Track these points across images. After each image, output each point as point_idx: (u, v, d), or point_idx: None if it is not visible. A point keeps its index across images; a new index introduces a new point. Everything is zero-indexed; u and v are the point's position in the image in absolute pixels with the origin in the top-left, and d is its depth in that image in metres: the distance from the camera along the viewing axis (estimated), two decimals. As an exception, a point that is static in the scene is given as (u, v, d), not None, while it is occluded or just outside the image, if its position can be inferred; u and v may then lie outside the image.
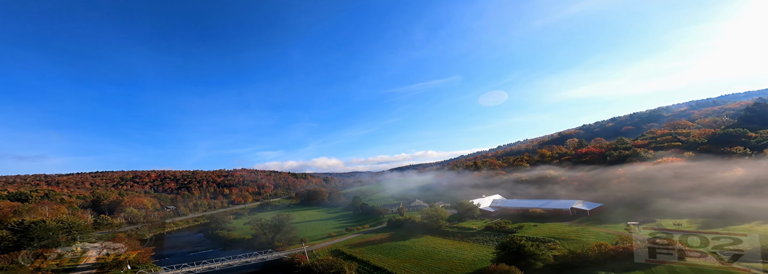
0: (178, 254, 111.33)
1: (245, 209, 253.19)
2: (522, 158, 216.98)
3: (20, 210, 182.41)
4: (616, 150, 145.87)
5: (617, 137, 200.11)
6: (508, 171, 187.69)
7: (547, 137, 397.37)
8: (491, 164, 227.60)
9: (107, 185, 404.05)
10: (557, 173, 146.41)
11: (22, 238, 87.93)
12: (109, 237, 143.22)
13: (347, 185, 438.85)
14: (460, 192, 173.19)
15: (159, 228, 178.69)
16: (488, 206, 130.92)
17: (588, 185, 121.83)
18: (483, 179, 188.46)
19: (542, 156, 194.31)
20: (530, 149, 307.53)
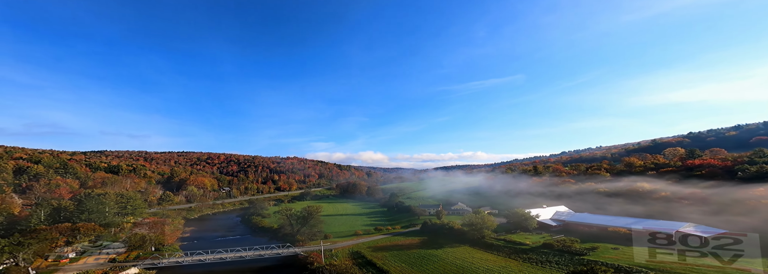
0: (207, 238, 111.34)
1: (288, 196, 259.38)
2: (599, 166, 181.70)
3: (108, 181, 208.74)
4: (753, 164, 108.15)
5: (745, 148, 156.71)
6: (578, 180, 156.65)
7: (631, 144, 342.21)
8: (556, 171, 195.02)
9: (186, 164, 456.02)
10: (654, 187, 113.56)
11: (77, 210, 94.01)
12: (161, 215, 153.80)
13: (388, 181, 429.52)
14: (514, 200, 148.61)
15: (208, 208, 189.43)
16: (549, 219, 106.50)
17: (704, 205, 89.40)
18: (545, 186, 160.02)
19: (630, 166, 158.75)
20: (609, 157, 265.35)
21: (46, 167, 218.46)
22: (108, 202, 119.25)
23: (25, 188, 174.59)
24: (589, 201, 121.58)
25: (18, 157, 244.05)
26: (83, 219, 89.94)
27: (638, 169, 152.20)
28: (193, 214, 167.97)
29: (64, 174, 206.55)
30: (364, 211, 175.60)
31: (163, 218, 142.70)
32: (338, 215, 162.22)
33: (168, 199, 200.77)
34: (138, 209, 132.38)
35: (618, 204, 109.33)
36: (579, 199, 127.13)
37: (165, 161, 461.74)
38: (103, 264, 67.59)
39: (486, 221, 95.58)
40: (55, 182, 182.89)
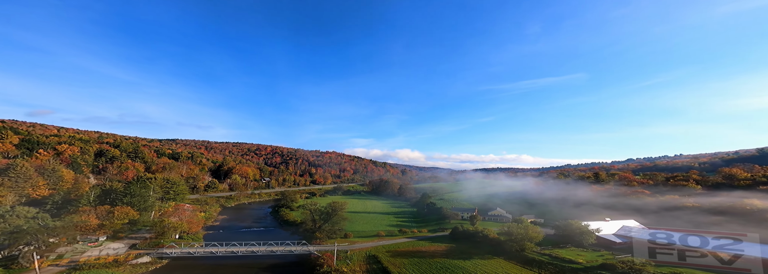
0: (233, 228, 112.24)
1: (321, 189, 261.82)
2: (685, 176, 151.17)
3: (168, 166, 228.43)
4: None
5: None
6: (655, 191, 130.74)
7: (726, 153, 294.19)
8: (623, 179, 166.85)
9: (238, 154, 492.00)
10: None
11: (121, 192, 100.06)
12: (201, 201, 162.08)
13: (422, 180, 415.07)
14: (568, 209, 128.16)
15: (246, 197, 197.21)
16: (612, 234, 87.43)
17: None
18: (609, 196, 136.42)
19: (730, 178, 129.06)
20: (696, 167, 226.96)
21: (122, 151, 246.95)
22: (153, 186, 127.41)
23: (101, 169, 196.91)
24: (671, 217, 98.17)
25: (106, 141, 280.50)
26: (125, 202, 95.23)
27: (744, 182, 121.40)
28: (230, 202, 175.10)
29: (134, 158, 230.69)
30: (393, 210, 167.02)
31: (201, 205, 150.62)
32: (365, 212, 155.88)
33: (213, 186, 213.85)
34: (180, 194, 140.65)
35: (716, 223, 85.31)
36: (656, 214, 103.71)
37: (221, 151, 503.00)
38: (122, 250, 68.79)
39: (529, 232, 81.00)
40: (125, 165, 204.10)
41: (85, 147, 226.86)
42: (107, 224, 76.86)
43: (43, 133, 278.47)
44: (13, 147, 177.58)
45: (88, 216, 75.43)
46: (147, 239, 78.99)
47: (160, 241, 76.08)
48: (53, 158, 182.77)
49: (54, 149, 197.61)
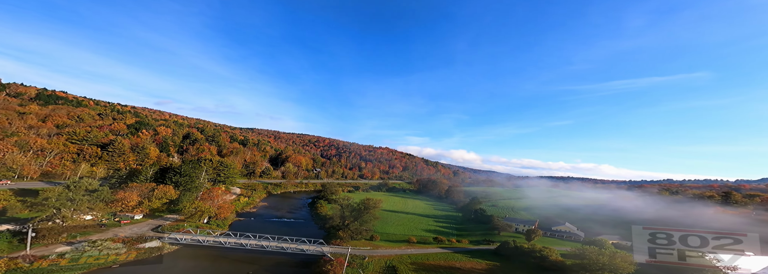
0: (265, 216, 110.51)
1: (367, 184, 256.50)
2: None
3: (235, 151, 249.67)
4: None
5: None
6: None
7: None
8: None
9: (300, 144, 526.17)
10: None
11: (173, 172, 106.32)
12: (251, 186, 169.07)
13: (475, 183, 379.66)
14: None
15: (293, 186, 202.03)
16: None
17: None
18: (749, 222, 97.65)
19: None
20: None
21: (204, 135, 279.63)
22: (206, 167, 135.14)
23: (184, 150, 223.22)
24: None
25: (199, 127, 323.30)
26: (174, 181, 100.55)
27: None
28: (277, 189, 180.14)
29: (211, 142, 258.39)
30: (435, 212, 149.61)
31: (248, 189, 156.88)
32: (403, 212, 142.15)
33: (268, 172, 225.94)
34: (230, 178, 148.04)
35: None
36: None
37: (286, 140, 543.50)
38: (144, 230, 69.23)
39: (614, 259, 57.92)
40: (202, 147, 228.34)
41: (177, 130, 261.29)
42: (145, 202, 79.87)
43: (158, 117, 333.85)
44: (125, 127, 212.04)
45: (132, 193, 79.20)
46: (176, 221, 79.85)
47: (184, 224, 75.65)
48: (151, 137, 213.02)
49: (154, 131, 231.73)
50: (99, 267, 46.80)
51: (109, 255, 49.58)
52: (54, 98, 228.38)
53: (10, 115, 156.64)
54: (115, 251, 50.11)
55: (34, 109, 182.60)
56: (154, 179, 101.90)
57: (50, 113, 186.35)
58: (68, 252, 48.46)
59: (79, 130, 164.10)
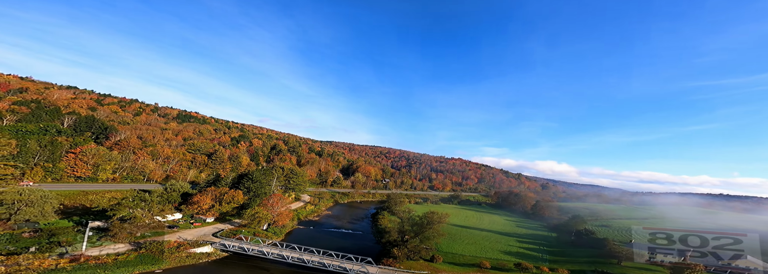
0: (324, 226, 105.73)
1: (437, 196, 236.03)
2: None
3: (311, 161, 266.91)
4: None
5: None
6: None
7: None
8: None
9: (371, 156, 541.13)
10: None
11: (246, 178, 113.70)
12: (319, 195, 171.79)
13: (571, 197, 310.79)
14: None
15: (360, 196, 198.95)
16: None
17: None
18: None
19: None
20: None
21: (287, 146, 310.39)
22: (277, 174, 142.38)
23: (271, 159, 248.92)
24: None
25: (285, 139, 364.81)
26: (246, 187, 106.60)
27: None
28: (345, 199, 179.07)
29: (292, 153, 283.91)
30: (518, 230, 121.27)
31: (316, 197, 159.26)
32: (477, 228, 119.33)
33: (338, 182, 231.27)
34: (300, 185, 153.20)
35: None
36: None
37: (359, 152, 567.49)
38: (206, 233, 70.67)
39: None
40: (284, 157, 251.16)
41: (267, 142, 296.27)
42: (216, 205, 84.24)
43: (257, 132, 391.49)
44: (229, 139, 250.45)
45: (206, 196, 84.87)
46: (238, 226, 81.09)
47: (242, 230, 75.55)
48: (246, 148, 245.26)
49: (250, 143, 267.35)
50: (142, 271, 46.61)
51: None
52: (187, 117, 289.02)
53: (155, 130, 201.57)
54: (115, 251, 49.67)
55: (172, 126, 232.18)
56: (232, 185, 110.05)
57: (182, 129, 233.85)
58: (123, 252, 50.38)
59: (196, 143, 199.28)
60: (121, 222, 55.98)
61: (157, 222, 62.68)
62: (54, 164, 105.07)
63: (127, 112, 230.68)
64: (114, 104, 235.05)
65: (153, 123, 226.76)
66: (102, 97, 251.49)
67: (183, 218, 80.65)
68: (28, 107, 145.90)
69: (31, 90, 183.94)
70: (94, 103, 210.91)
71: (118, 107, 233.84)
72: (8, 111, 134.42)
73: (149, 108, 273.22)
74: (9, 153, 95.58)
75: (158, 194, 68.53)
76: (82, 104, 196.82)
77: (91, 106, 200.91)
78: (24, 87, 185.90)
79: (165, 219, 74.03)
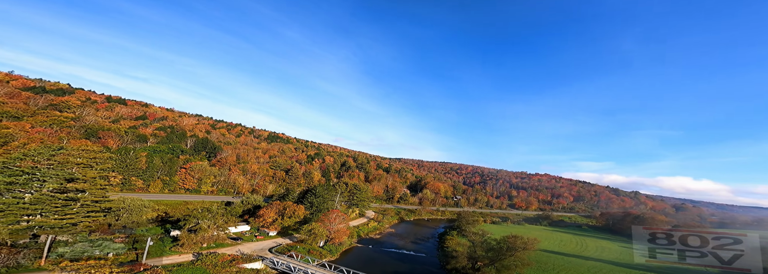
0: (386, 245, 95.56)
1: (520, 215, 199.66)
2: None
3: (377, 177, 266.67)
4: None
5: None
6: None
7: None
8: None
9: (441, 172, 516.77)
10: None
11: (310, 193, 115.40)
12: (383, 211, 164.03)
13: (736, 223, 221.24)
14: None
15: (428, 213, 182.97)
16: None
17: None
18: None
19: None
20: None
21: (356, 163, 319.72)
22: (341, 190, 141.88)
23: (340, 174, 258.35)
24: None
25: (355, 157, 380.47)
26: (309, 202, 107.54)
27: None
28: (411, 216, 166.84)
29: (361, 169, 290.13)
30: (641, 262, 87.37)
31: (381, 214, 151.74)
32: (578, 256, 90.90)
33: (405, 198, 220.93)
34: (363, 201, 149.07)
35: None
36: None
37: (428, 168, 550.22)
38: (263, 247, 69.82)
39: None
40: (353, 173, 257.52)
41: (337, 159, 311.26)
42: (279, 219, 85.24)
43: (332, 150, 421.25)
44: (305, 157, 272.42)
45: (271, 210, 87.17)
46: (296, 241, 79.20)
47: (298, 246, 72.78)
48: (319, 165, 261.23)
49: (323, 160, 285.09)
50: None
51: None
52: (275, 138, 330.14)
53: (249, 149, 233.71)
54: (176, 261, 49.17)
55: (262, 146, 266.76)
56: (298, 199, 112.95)
57: (269, 148, 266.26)
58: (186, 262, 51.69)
59: (278, 160, 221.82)
60: (189, 233, 59.30)
61: (221, 234, 64.76)
62: (170, 177, 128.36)
63: (231, 135, 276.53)
64: (223, 128, 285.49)
65: (249, 143, 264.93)
66: (216, 122, 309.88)
67: (250, 230, 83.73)
68: (164, 132, 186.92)
69: (169, 118, 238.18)
70: (209, 128, 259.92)
71: (226, 130, 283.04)
72: (151, 135, 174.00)
73: (247, 130, 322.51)
74: (139, 168, 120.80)
75: (222, 206, 72.38)
76: (201, 128, 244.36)
77: (207, 130, 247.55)
78: (165, 116, 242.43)
79: (233, 230, 77.50)
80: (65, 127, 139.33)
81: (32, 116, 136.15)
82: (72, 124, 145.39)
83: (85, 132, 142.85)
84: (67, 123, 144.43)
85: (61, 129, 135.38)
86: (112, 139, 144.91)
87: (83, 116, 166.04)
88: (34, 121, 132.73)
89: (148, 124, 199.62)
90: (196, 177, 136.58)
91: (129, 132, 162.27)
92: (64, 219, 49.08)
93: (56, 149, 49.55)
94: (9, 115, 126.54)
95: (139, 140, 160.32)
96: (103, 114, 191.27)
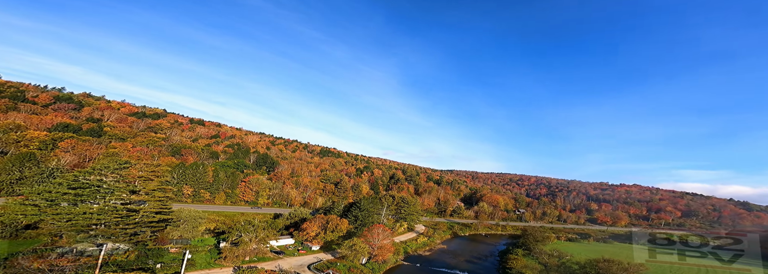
0: (436, 264, 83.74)
1: (605, 231, 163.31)
2: None
3: (428, 190, 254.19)
4: None
5: None
6: None
7: None
8: None
9: (499, 184, 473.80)
10: None
11: (355, 207, 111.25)
12: (434, 225, 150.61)
13: None
14: None
15: (486, 228, 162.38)
16: None
17: None
18: None
19: None
20: None
21: (405, 175, 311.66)
22: (386, 203, 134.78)
23: (389, 187, 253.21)
24: None
25: (403, 169, 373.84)
26: (354, 215, 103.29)
27: None
28: (466, 231, 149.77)
29: (410, 181, 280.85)
30: None
31: (432, 228, 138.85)
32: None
33: (459, 211, 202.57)
34: (411, 215, 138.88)
35: None
36: None
37: (484, 180, 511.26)
38: (302, 264, 66.23)
39: None
40: (402, 186, 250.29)
41: (386, 172, 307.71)
42: (321, 234, 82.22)
43: (381, 163, 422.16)
44: (354, 170, 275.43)
45: (314, 223, 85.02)
46: (337, 257, 74.36)
47: (338, 263, 67.60)
48: (368, 178, 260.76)
49: (371, 173, 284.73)
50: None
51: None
52: (327, 153, 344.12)
53: (303, 164, 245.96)
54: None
55: (314, 160, 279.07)
56: (343, 213, 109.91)
57: (321, 162, 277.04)
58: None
59: (328, 173, 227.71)
60: (232, 245, 59.34)
61: (263, 247, 63.69)
62: (232, 190, 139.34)
63: (288, 150, 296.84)
64: (281, 144, 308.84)
65: (303, 158, 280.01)
66: (275, 139, 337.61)
67: (294, 244, 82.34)
68: (233, 148, 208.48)
69: (236, 136, 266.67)
70: (269, 144, 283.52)
71: (283, 146, 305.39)
72: (222, 151, 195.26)
73: (302, 146, 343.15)
74: (207, 181, 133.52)
75: (263, 220, 72.29)
76: (262, 145, 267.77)
77: (267, 146, 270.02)
78: (234, 134, 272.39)
79: (276, 244, 76.72)
80: (158, 146, 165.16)
81: (134, 137, 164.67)
82: (163, 144, 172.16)
83: (172, 150, 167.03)
84: (159, 142, 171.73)
85: (154, 148, 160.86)
86: (192, 155, 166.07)
87: (171, 136, 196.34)
88: (135, 141, 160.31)
89: (219, 142, 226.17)
90: (254, 190, 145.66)
91: (204, 149, 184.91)
92: (127, 229, 52.97)
93: (122, 163, 55.10)
94: (117, 137, 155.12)
95: (212, 156, 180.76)
96: (186, 134, 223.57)
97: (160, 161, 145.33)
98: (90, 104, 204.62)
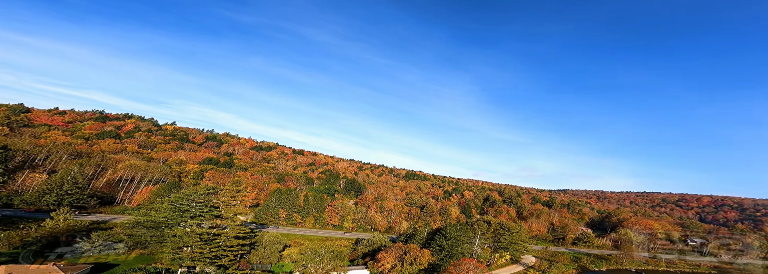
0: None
1: None
2: None
3: (537, 213, 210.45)
4: None
5: None
6: None
7: None
8: None
9: (645, 205, 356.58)
10: None
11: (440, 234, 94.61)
12: (550, 257, 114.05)
13: None
14: None
15: (634, 263, 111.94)
16: None
17: None
18: None
19: None
20: None
21: (501, 196, 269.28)
22: (480, 230, 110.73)
23: (484, 211, 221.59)
24: None
25: (500, 190, 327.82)
26: (438, 244, 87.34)
27: None
28: (602, 265, 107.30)
29: (510, 204, 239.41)
30: None
31: (545, 261, 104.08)
32: None
33: (586, 239, 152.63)
34: (515, 244, 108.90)
35: None
36: None
37: (617, 201, 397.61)
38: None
39: None
40: (500, 209, 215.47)
41: (478, 193, 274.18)
42: (397, 266, 70.55)
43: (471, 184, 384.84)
44: (442, 192, 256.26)
45: (389, 253, 74.54)
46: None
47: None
48: (457, 201, 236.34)
49: (461, 195, 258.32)
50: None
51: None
52: (413, 176, 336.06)
53: (388, 187, 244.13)
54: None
55: (400, 184, 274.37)
56: (426, 241, 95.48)
57: (406, 186, 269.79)
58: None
59: (414, 197, 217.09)
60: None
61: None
62: (320, 214, 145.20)
63: (374, 175, 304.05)
64: (368, 169, 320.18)
65: (388, 182, 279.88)
66: (363, 164, 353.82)
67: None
68: (325, 175, 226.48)
69: (329, 163, 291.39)
70: (357, 170, 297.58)
71: (370, 171, 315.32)
72: (316, 178, 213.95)
73: (387, 170, 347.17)
74: (299, 205, 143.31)
75: (330, 249, 66.73)
76: (351, 171, 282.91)
77: (355, 172, 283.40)
78: (326, 161, 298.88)
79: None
80: (268, 174, 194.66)
81: (253, 167, 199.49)
82: (272, 172, 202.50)
83: (278, 177, 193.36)
84: (269, 171, 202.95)
85: (266, 176, 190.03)
86: (292, 182, 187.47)
87: (278, 166, 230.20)
88: (253, 170, 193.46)
89: (314, 169, 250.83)
90: (340, 214, 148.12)
91: (302, 176, 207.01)
92: (212, 252, 56.03)
93: (209, 189, 61.09)
94: (241, 168, 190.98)
95: (308, 182, 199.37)
96: (290, 163, 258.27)
97: (268, 187, 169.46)
98: (227, 141, 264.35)
